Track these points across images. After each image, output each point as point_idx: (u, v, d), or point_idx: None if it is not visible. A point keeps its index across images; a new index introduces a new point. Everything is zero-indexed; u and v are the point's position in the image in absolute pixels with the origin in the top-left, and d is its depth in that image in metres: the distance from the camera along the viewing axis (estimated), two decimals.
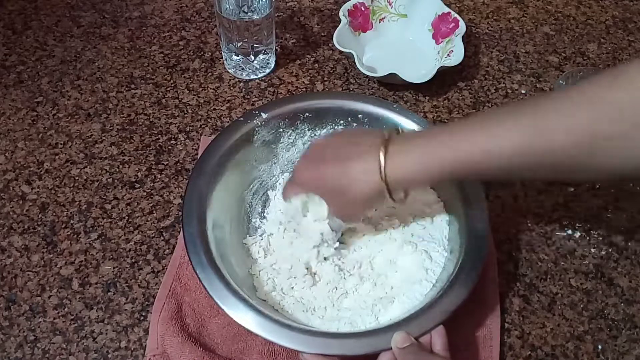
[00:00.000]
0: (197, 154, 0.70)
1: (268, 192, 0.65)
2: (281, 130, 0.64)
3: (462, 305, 0.50)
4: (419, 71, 0.77)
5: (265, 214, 0.63)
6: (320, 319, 0.55)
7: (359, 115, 0.64)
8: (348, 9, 0.81)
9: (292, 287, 0.57)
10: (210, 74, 0.79)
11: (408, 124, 0.63)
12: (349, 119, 0.65)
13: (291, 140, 0.65)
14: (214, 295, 0.50)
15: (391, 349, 0.48)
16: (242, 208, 0.62)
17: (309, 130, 0.65)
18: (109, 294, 0.59)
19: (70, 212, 0.65)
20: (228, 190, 0.60)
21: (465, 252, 0.54)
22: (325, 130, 0.66)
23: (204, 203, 0.57)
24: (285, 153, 0.66)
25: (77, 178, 0.68)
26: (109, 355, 0.55)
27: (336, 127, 0.65)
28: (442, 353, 0.49)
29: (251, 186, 0.64)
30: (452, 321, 0.50)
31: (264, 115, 0.63)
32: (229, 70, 0.79)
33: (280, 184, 0.64)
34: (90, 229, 0.64)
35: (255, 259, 0.58)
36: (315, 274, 0.57)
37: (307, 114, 0.64)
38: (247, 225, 0.62)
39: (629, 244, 0.64)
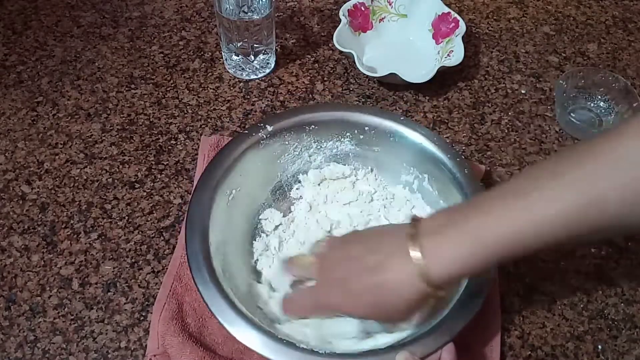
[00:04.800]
0: (197, 154, 0.70)
1: (272, 206, 0.64)
2: (286, 143, 0.63)
3: (467, 326, 0.50)
4: (419, 71, 0.77)
5: (267, 230, 0.62)
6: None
7: (366, 128, 0.63)
8: (348, 9, 0.81)
9: None
10: (210, 74, 0.79)
11: (415, 136, 0.62)
12: (356, 131, 0.64)
13: (297, 153, 0.65)
14: (217, 314, 0.50)
15: None
16: (246, 223, 0.62)
17: (314, 142, 0.65)
18: (109, 294, 0.59)
19: (70, 212, 0.65)
20: (231, 205, 0.59)
21: None
22: (331, 142, 0.65)
23: (207, 219, 0.56)
24: (291, 166, 0.65)
25: (77, 178, 0.68)
26: (109, 355, 0.55)
27: (342, 139, 0.64)
28: None
29: (255, 200, 0.63)
30: None
31: (269, 128, 0.62)
32: (229, 70, 0.79)
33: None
34: (90, 229, 0.64)
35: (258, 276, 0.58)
36: None
37: (313, 126, 0.64)
38: (250, 240, 0.61)
39: (629, 244, 0.64)
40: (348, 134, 0.64)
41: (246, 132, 0.62)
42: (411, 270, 0.44)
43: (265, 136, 0.62)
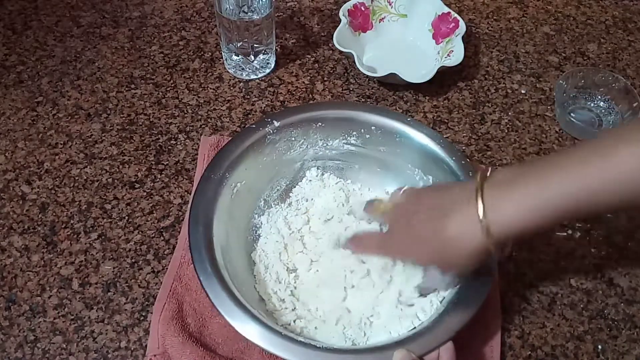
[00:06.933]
0: (197, 154, 0.70)
1: (275, 200, 0.64)
2: (293, 139, 0.63)
3: (467, 326, 0.50)
4: (419, 71, 0.77)
5: (269, 225, 0.62)
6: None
7: (372, 127, 0.63)
8: (348, 9, 0.81)
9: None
10: (210, 74, 0.79)
11: (421, 137, 0.62)
12: (362, 130, 0.64)
13: (303, 149, 0.64)
14: (217, 305, 0.50)
15: None
16: (249, 217, 0.62)
17: (321, 140, 0.64)
18: (109, 294, 0.59)
19: (70, 212, 0.65)
20: (236, 198, 0.59)
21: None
22: (337, 140, 0.64)
23: (211, 211, 0.56)
24: (296, 162, 0.65)
25: (77, 178, 0.68)
26: (109, 355, 0.55)
27: (349, 138, 0.64)
28: None
29: (260, 195, 0.63)
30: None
31: (275, 124, 0.62)
32: (229, 70, 0.79)
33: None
34: (90, 229, 0.64)
35: (258, 273, 0.59)
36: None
37: (320, 124, 0.63)
38: (253, 235, 0.61)
39: (629, 244, 0.64)
40: (354, 132, 0.64)
41: (253, 126, 0.62)
42: (473, 224, 0.44)
43: (271, 131, 0.62)
